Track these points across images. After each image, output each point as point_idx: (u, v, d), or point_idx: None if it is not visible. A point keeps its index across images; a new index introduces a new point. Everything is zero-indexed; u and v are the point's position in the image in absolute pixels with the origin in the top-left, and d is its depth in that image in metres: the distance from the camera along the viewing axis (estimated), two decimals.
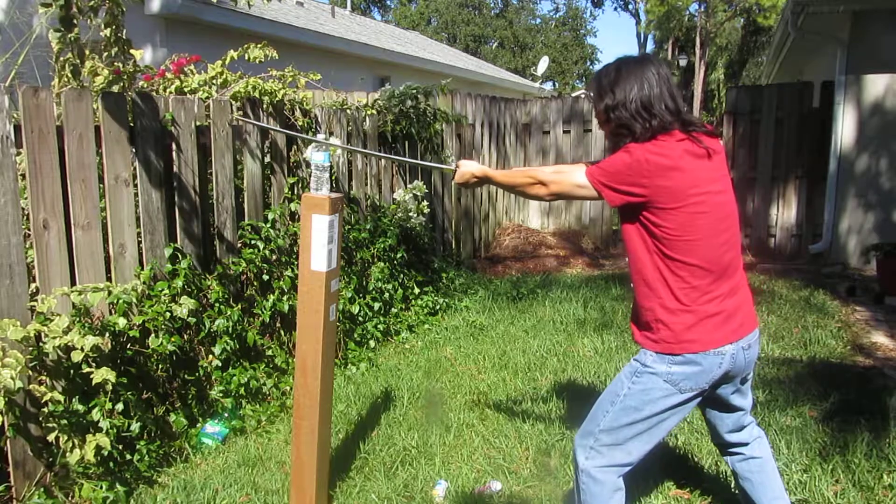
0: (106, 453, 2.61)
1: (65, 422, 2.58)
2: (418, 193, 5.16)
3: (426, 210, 5.23)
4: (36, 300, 2.63)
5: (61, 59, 2.83)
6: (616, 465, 2.00)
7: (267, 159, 3.94)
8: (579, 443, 2.05)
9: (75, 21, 2.70)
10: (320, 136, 2.34)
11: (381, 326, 4.48)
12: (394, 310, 4.78)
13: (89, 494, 2.54)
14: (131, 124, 3.06)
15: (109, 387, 2.62)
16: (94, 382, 2.55)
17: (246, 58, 3.94)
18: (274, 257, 3.83)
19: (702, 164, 1.89)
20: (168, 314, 3.05)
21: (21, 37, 3.38)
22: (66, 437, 2.56)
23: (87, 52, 2.99)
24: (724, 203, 1.93)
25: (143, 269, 3.11)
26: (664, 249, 1.89)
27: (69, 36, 2.71)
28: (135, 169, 3.10)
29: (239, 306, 3.51)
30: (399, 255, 4.91)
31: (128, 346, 2.95)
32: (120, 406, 2.76)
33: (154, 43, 7.18)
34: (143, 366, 3.03)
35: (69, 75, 2.82)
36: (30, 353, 2.52)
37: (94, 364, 2.64)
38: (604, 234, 7.96)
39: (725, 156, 1.99)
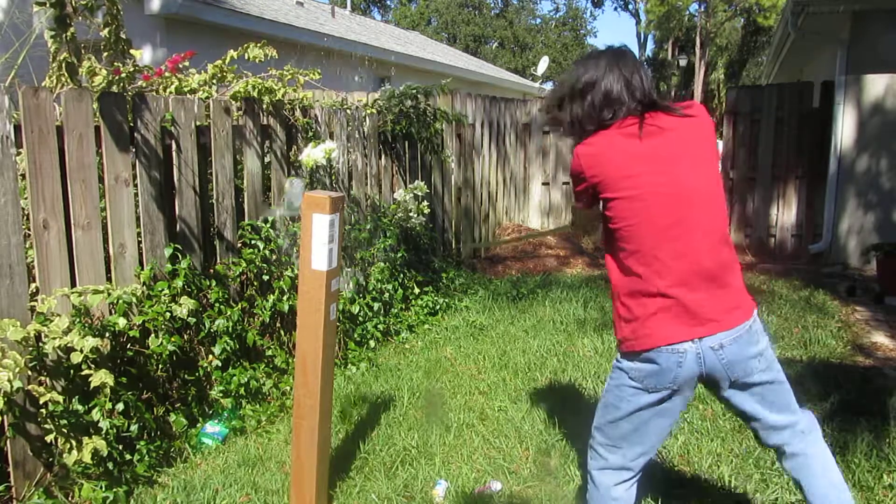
0: (105, 454, 2.61)
1: (64, 422, 2.58)
2: (419, 193, 5.16)
3: (426, 210, 5.23)
4: (36, 300, 2.62)
5: (58, 58, 2.82)
6: (613, 469, 1.95)
7: (267, 159, 3.94)
8: (589, 442, 2.04)
9: (70, 21, 2.69)
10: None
11: (381, 326, 4.48)
12: (394, 310, 4.78)
13: (89, 494, 2.54)
14: (131, 124, 3.06)
15: (108, 389, 2.62)
16: (92, 386, 2.55)
17: (245, 57, 3.93)
18: (274, 257, 3.83)
19: (638, 145, 1.80)
20: (168, 314, 3.05)
21: (21, 37, 3.38)
22: (63, 439, 2.56)
23: (83, 51, 2.99)
24: (668, 183, 1.77)
25: (143, 269, 3.11)
26: (613, 240, 1.89)
27: (65, 35, 2.70)
28: (135, 169, 3.10)
29: (239, 306, 3.51)
30: (399, 255, 4.91)
31: (128, 346, 2.95)
32: (120, 406, 2.75)
33: (154, 43, 7.18)
34: (143, 366, 3.03)
35: (66, 74, 2.81)
36: (29, 353, 2.52)
37: (93, 365, 2.64)
38: None
39: (702, 129, 1.85)
